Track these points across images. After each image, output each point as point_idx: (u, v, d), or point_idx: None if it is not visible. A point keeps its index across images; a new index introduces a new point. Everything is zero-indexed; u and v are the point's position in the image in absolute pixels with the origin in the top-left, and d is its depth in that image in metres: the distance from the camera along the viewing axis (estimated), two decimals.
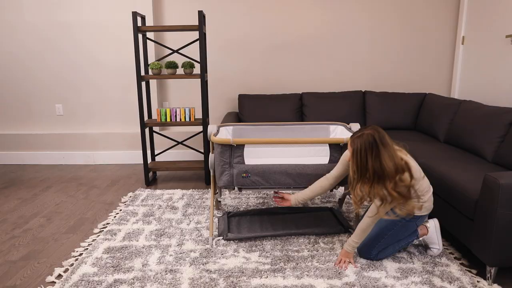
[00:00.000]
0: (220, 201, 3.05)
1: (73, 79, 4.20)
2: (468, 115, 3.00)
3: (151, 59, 4.09)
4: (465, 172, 2.35)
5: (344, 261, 2.13)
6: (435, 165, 2.53)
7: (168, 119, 3.46)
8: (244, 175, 2.31)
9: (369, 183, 1.92)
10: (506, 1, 3.23)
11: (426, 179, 2.12)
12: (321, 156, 2.34)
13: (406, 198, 1.95)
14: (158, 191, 3.35)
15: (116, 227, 2.64)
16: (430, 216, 2.49)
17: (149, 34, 4.05)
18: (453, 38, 4.07)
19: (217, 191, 2.67)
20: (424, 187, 2.08)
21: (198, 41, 3.64)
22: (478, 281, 2.00)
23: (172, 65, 3.38)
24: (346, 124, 2.69)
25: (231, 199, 3.14)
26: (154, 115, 4.31)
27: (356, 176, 1.94)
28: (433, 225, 2.23)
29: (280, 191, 2.40)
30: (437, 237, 2.22)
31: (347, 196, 3.10)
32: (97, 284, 1.98)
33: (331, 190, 2.54)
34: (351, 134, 2.51)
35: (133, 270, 2.11)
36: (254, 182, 2.33)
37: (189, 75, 3.41)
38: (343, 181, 2.35)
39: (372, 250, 2.15)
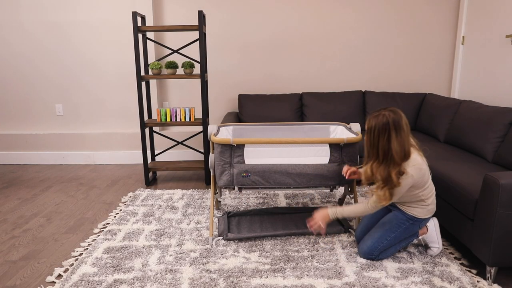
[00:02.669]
0: (220, 201, 3.05)
1: (73, 79, 4.20)
2: (468, 115, 3.00)
3: (151, 59, 4.09)
4: (465, 172, 2.35)
5: (317, 224, 2.13)
6: (435, 165, 2.53)
7: (168, 119, 3.46)
8: (244, 174, 2.31)
9: (378, 164, 1.95)
10: (506, 1, 3.23)
11: (431, 181, 2.12)
12: (321, 156, 2.34)
13: (396, 185, 1.95)
14: (158, 191, 3.34)
15: (116, 227, 2.64)
16: None
17: (149, 34, 4.05)
18: (453, 38, 4.07)
19: (217, 191, 2.67)
20: (429, 190, 2.09)
21: (198, 41, 3.64)
22: (478, 281, 2.00)
23: (172, 65, 3.38)
24: (346, 124, 2.69)
25: (231, 199, 3.14)
26: (154, 115, 4.31)
27: (368, 154, 1.98)
28: (433, 224, 2.24)
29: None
30: (436, 236, 2.22)
31: (347, 196, 3.10)
32: (97, 284, 1.98)
33: (331, 190, 2.54)
34: (351, 134, 2.51)
35: (133, 270, 2.11)
36: (254, 181, 2.33)
37: (189, 75, 3.40)
38: (343, 181, 2.36)
39: (375, 251, 2.15)
